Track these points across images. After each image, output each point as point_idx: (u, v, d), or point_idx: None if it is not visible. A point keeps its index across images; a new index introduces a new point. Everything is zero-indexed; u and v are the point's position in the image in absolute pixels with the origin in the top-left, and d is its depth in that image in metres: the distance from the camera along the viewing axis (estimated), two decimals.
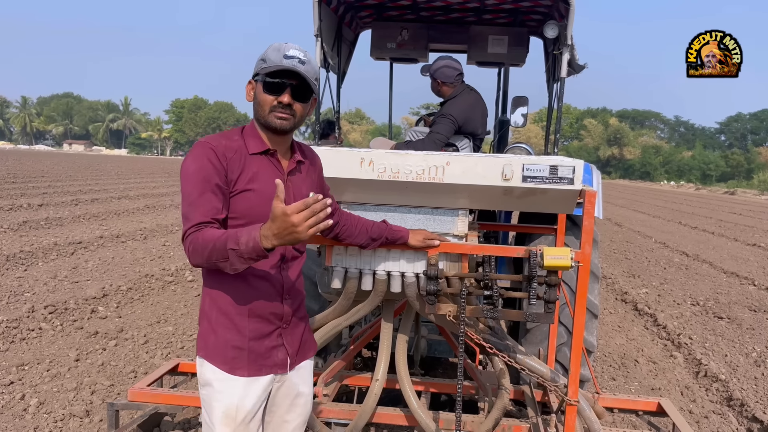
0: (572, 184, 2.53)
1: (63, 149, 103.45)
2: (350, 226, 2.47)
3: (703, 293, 8.74)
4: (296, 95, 1.97)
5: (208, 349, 2.03)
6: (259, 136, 2.04)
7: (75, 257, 9.01)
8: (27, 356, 4.95)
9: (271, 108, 1.96)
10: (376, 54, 5.34)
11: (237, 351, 2.01)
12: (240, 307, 2.01)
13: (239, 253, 1.71)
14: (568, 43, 3.84)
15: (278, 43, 1.99)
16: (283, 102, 1.95)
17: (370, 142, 5.00)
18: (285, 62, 1.92)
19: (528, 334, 3.97)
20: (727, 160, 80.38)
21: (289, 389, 2.16)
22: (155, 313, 6.45)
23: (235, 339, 2.01)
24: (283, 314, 2.08)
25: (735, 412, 4.63)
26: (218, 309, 2.02)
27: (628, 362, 5.68)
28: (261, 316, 2.04)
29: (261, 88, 1.97)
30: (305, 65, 1.95)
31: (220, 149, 1.94)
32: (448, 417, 3.16)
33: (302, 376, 2.20)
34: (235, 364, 2.01)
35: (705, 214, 24.42)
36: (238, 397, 2.01)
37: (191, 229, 1.84)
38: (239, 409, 2.01)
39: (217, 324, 2.02)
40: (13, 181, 22.35)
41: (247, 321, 2.02)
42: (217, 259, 1.76)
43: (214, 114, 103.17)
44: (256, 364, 2.03)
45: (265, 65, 1.95)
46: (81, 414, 3.97)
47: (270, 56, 1.95)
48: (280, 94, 1.95)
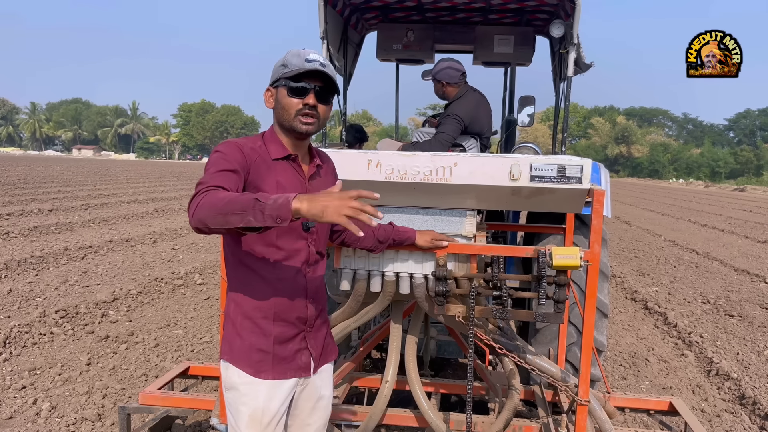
0: (580, 183, 2.52)
1: (72, 154, 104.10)
2: None
3: (714, 291, 8.69)
4: (320, 97, 2.00)
5: (233, 352, 2.04)
6: (280, 141, 2.06)
7: (85, 262, 9.06)
8: (39, 361, 4.99)
9: (296, 112, 1.98)
10: (382, 55, 5.34)
11: (262, 354, 2.03)
12: (265, 311, 2.02)
13: (262, 207, 1.59)
14: (575, 42, 3.82)
15: (296, 49, 2.02)
16: (309, 104, 1.97)
17: (377, 143, 5.00)
18: (308, 65, 1.95)
19: (538, 334, 3.95)
20: (736, 157, 79.92)
21: (312, 392, 2.18)
22: (165, 316, 6.48)
23: (260, 342, 2.02)
24: (307, 318, 2.10)
25: (747, 410, 4.59)
26: (243, 313, 2.03)
27: (638, 361, 5.65)
28: (286, 320, 2.05)
29: (285, 93, 1.99)
30: (326, 68, 1.98)
31: (246, 149, 1.96)
32: (458, 418, 3.15)
33: (324, 379, 2.22)
34: (260, 368, 2.02)
35: (715, 212, 24.27)
36: (263, 401, 2.02)
37: (207, 188, 1.74)
38: (265, 412, 2.02)
39: (242, 328, 2.03)
40: (23, 186, 22.51)
41: (273, 325, 2.03)
42: (230, 210, 1.62)
43: (221, 117, 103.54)
44: (280, 367, 2.05)
45: (288, 70, 1.97)
46: (93, 418, 4.00)
47: (291, 61, 1.97)
48: (305, 97, 1.97)
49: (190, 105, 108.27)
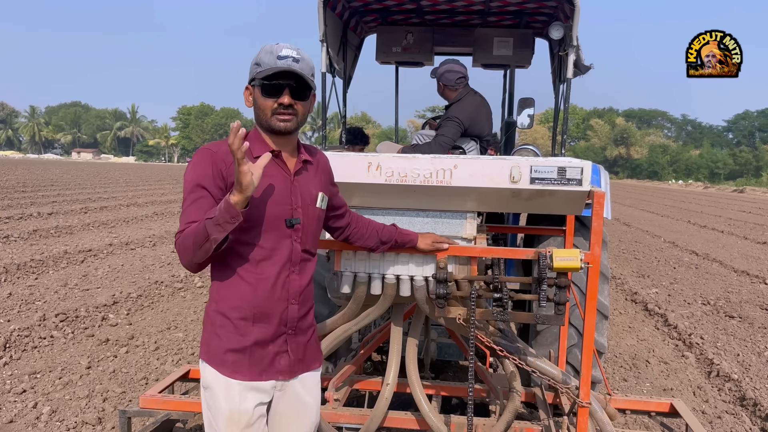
0: (580, 185, 2.52)
1: (71, 158, 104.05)
2: (360, 228, 2.48)
3: (714, 292, 8.69)
4: (295, 95, 1.96)
5: (210, 353, 2.03)
6: (263, 140, 2.04)
7: (85, 265, 9.06)
8: (39, 364, 4.98)
9: (272, 111, 1.96)
10: (381, 58, 5.34)
11: (238, 355, 2.00)
12: (244, 311, 1.99)
13: (215, 220, 1.75)
14: (574, 44, 3.83)
15: (270, 44, 1.98)
16: (283, 103, 1.95)
17: (377, 146, 5.00)
18: (279, 63, 1.92)
19: (538, 336, 3.95)
20: (735, 158, 79.94)
21: (293, 398, 2.14)
22: (165, 319, 6.47)
23: (237, 343, 2.00)
24: (288, 319, 2.05)
25: (748, 411, 4.59)
26: (221, 313, 2.01)
27: (639, 363, 5.65)
28: (265, 321, 2.02)
29: (259, 93, 1.97)
30: (300, 63, 1.94)
31: (221, 154, 1.95)
32: (459, 420, 3.15)
33: (307, 386, 2.18)
34: (237, 368, 2.00)
35: (714, 213, 24.28)
36: (238, 401, 2.00)
37: (177, 235, 1.89)
38: (241, 414, 2.00)
39: (220, 328, 2.01)
40: (23, 190, 22.50)
41: (251, 326, 2.00)
42: (200, 243, 1.79)
43: (220, 120, 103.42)
44: (257, 368, 2.02)
45: (260, 69, 1.94)
46: (93, 421, 3.99)
47: (263, 59, 1.95)
48: (279, 96, 1.95)
49: (189, 108, 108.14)
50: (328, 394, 3.24)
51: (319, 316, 3.90)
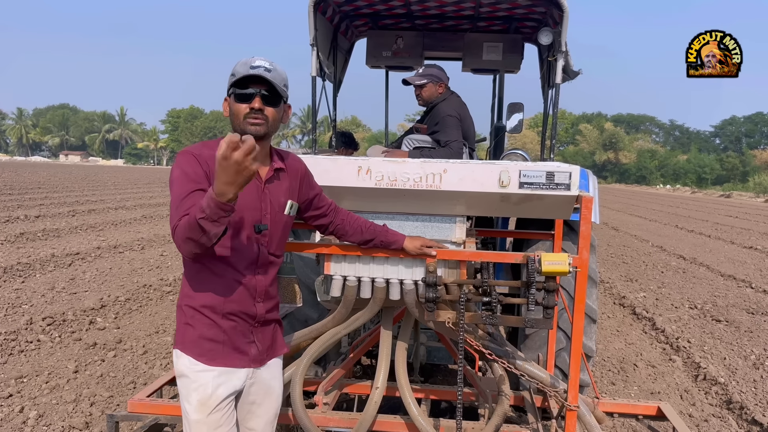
0: (569, 190, 2.54)
1: (59, 160, 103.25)
2: (346, 225, 2.56)
3: (701, 296, 8.76)
4: (266, 101, 2.07)
5: (185, 342, 2.14)
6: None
7: (73, 268, 8.99)
8: (26, 368, 4.94)
9: (244, 116, 2.06)
10: (371, 62, 5.36)
11: (213, 344, 2.12)
12: (214, 307, 2.11)
13: (208, 218, 1.77)
14: (563, 50, 3.86)
15: (245, 57, 2.12)
16: (254, 108, 2.05)
17: (367, 150, 5.01)
18: (251, 71, 2.04)
19: (527, 340, 3.97)
20: (722, 163, 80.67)
21: (261, 385, 2.28)
22: (154, 323, 6.44)
23: (210, 332, 2.12)
24: (256, 315, 2.19)
25: (735, 415, 4.63)
26: (193, 307, 2.12)
27: (627, 366, 5.68)
28: (235, 316, 2.14)
29: (233, 100, 2.08)
30: (272, 72, 2.07)
31: (203, 157, 2.04)
32: (448, 424, 3.15)
33: (273, 372, 2.33)
34: (212, 356, 2.12)
35: (701, 218, 24.48)
36: (212, 387, 2.11)
37: (175, 223, 1.92)
38: (213, 398, 2.11)
39: (192, 319, 2.13)
40: (9, 192, 22.30)
41: (221, 319, 2.12)
42: (198, 235, 1.82)
43: (210, 123, 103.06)
44: (231, 356, 2.15)
45: (234, 78, 2.07)
46: (80, 426, 3.96)
47: (238, 69, 2.07)
48: (251, 101, 2.05)
49: (178, 111, 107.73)
50: (317, 398, 3.24)
51: (309, 319, 3.91)
